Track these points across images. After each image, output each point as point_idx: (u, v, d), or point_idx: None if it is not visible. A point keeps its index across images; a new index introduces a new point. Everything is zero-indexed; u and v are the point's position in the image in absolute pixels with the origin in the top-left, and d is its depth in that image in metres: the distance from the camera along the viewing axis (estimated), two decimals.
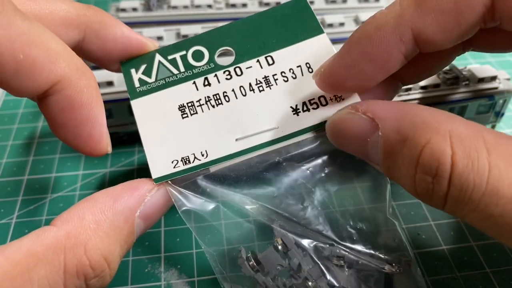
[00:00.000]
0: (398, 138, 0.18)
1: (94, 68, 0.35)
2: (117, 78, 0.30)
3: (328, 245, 0.23)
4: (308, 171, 0.23)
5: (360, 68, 0.20)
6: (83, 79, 0.20)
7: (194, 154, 0.21)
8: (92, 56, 0.23)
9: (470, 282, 0.25)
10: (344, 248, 0.23)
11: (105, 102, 0.29)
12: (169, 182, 0.21)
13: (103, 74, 0.29)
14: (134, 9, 0.38)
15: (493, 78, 0.31)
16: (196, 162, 0.21)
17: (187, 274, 0.26)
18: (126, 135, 0.33)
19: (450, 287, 0.25)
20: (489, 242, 0.27)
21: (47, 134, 0.35)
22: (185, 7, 0.38)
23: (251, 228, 0.24)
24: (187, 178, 0.21)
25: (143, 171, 0.31)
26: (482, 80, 0.30)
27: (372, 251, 0.23)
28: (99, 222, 0.17)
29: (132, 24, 0.39)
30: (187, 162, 0.21)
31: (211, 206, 0.22)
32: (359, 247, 0.23)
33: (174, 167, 0.21)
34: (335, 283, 0.22)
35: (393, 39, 0.19)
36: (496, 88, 0.31)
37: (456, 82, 0.30)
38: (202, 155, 0.21)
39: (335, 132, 0.21)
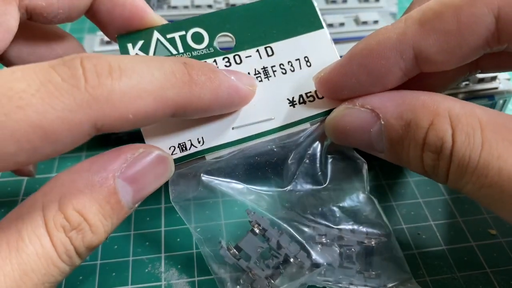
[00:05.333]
0: (401, 123, 0.19)
1: None
2: None
3: (311, 225, 0.24)
4: (295, 154, 0.23)
5: (358, 79, 0.20)
6: None
7: (190, 140, 0.21)
8: (98, 17, 0.23)
9: (470, 282, 0.25)
10: (326, 226, 0.24)
11: None
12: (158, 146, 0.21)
13: None
14: None
15: (493, 78, 0.31)
16: (193, 150, 0.21)
17: (187, 274, 0.26)
18: (126, 135, 0.33)
19: (450, 287, 0.25)
20: (489, 242, 0.27)
21: None
22: (185, 7, 0.38)
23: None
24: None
25: None
26: (482, 80, 0.30)
27: (352, 227, 0.24)
28: (73, 180, 0.18)
29: None
30: (184, 149, 0.21)
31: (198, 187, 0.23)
32: (340, 225, 0.24)
33: (172, 154, 0.21)
34: (320, 260, 0.23)
35: (393, 55, 0.20)
36: (496, 88, 0.31)
37: None
38: (199, 142, 0.21)
39: (336, 129, 0.21)
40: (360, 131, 0.20)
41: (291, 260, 0.22)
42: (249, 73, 0.22)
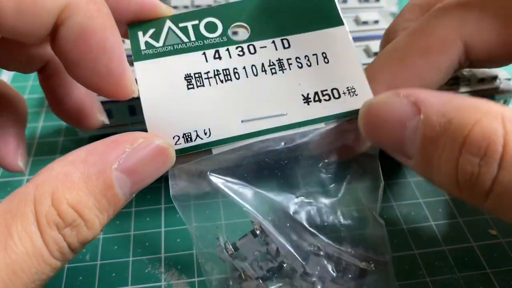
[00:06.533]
0: (442, 120, 0.16)
1: None
2: None
3: (312, 237, 0.23)
4: (308, 165, 0.23)
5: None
6: (92, 3, 0.18)
7: (196, 131, 0.20)
8: None
9: (470, 282, 0.25)
10: (325, 240, 0.23)
11: (105, 102, 0.29)
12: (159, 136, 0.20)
13: None
14: None
15: (494, 78, 0.31)
16: (198, 141, 0.20)
17: (187, 274, 0.26)
18: None
19: (450, 287, 0.25)
20: (489, 242, 0.27)
21: (47, 134, 0.35)
22: (185, 7, 0.38)
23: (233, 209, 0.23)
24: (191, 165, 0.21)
25: None
26: (482, 80, 0.30)
27: (353, 248, 0.23)
28: (68, 173, 0.17)
29: None
30: (189, 139, 0.20)
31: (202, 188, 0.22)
32: (342, 245, 0.23)
33: (175, 144, 0.20)
34: (313, 271, 0.22)
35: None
36: (496, 88, 0.31)
37: (457, 82, 0.30)
38: (205, 134, 0.20)
39: (370, 117, 0.19)
40: (395, 124, 0.18)
41: (285, 265, 0.22)
42: (263, 63, 0.21)
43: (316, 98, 0.21)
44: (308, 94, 0.21)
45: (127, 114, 0.31)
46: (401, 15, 0.26)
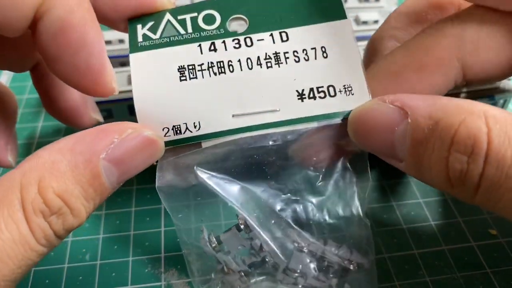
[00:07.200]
0: (429, 122, 0.17)
1: None
2: (117, 78, 0.30)
3: (297, 234, 0.23)
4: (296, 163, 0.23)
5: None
6: None
7: (186, 124, 0.20)
8: (101, 14, 0.21)
9: (470, 282, 0.25)
10: (309, 238, 0.23)
11: (105, 102, 0.29)
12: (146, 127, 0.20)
13: None
14: None
15: None
16: (188, 134, 0.20)
17: (187, 274, 0.26)
18: None
19: (450, 287, 0.25)
20: (489, 242, 0.27)
21: (47, 134, 0.35)
22: None
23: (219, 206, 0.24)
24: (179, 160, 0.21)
25: (143, 171, 0.31)
26: None
27: (337, 248, 0.23)
28: (55, 161, 0.17)
29: None
30: (178, 132, 0.20)
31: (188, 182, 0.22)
32: (326, 244, 0.23)
33: (164, 135, 0.20)
34: (295, 267, 0.22)
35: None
36: (496, 87, 0.31)
37: None
38: (195, 127, 0.20)
39: (358, 124, 0.20)
40: (384, 129, 0.19)
41: (267, 260, 0.22)
42: (258, 57, 0.21)
43: (311, 95, 0.21)
44: (303, 90, 0.21)
45: (127, 114, 0.31)
46: (387, 22, 0.26)
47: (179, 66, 0.21)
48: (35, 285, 0.25)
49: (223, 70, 0.21)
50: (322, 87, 0.21)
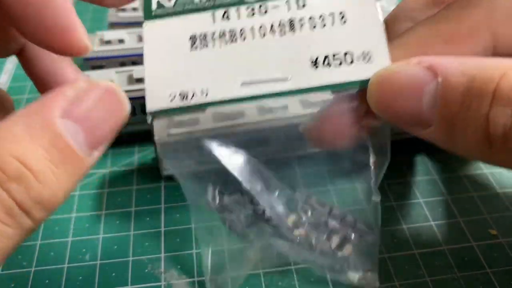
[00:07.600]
0: (463, 79, 0.16)
1: (93, 67, 0.35)
2: (117, 78, 0.30)
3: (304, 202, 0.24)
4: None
5: None
6: None
7: (194, 90, 0.20)
8: None
9: (470, 282, 0.25)
10: (314, 203, 0.24)
11: None
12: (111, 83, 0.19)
13: (103, 75, 0.29)
14: (134, 9, 0.38)
15: None
16: (194, 100, 0.20)
17: (187, 274, 0.26)
18: (126, 135, 0.33)
19: (450, 287, 0.25)
20: (489, 242, 0.27)
21: None
22: None
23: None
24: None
25: (143, 171, 0.31)
26: None
27: (342, 214, 0.23)
28: (9, 126, 0.15)
29: (132, 24, 0.39)
30: (185, 98, 0.20)
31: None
32: (332, 211, 0.23)
33: (170, 101, 0.20)
34: (296, 227, 0.23)
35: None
36: None
37: None
38: (202, 93, 0.20)
39: (380, 89, 0.18)
40: (411, 91, 0.17)
41: (266, 211, 0.23)
42: (272, 24, 0.21)
43: (326, 62, 0.19)
44: (317, 57, 0.20)
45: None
46: (405, 2, 0.24)
47: (190, 35, 0.21)
48: (35, 285, 0.25)
49: (235, 39, 0.21)
50: (339, 53, 0.20)
